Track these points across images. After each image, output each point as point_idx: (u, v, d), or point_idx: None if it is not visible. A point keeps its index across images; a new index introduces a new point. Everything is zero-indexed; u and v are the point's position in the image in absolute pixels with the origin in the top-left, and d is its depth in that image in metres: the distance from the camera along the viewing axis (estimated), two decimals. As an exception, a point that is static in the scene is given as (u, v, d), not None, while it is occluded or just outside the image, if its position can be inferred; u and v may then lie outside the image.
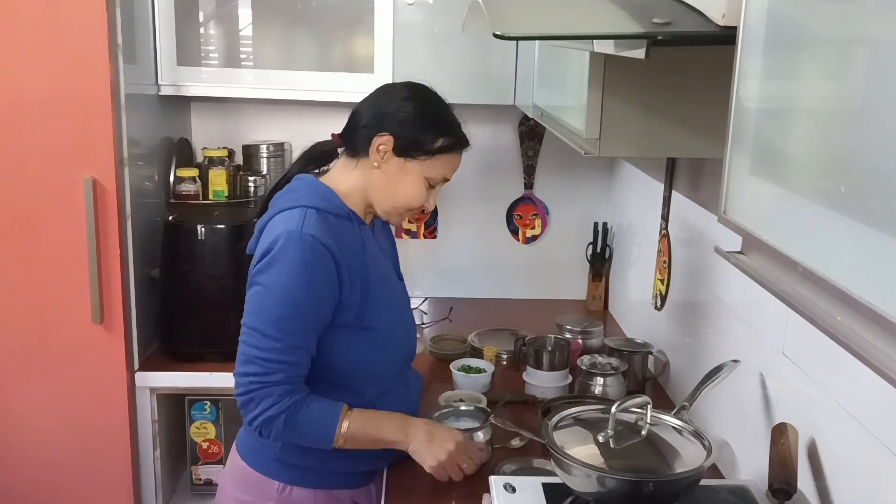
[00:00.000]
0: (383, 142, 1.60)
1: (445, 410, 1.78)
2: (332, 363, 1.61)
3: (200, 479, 2.61)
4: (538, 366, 2.16)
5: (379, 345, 1.65)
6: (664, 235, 2.27)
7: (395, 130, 1.60)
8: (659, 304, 2.30)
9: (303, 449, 1.64)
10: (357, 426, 1.58)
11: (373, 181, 1.64)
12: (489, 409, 1.81)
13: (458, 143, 1.66)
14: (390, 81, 1.79)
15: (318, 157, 1.74)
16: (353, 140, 1.65)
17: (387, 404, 1.69)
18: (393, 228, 1.88)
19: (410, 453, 1.65)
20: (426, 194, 1.65)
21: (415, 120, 1.62)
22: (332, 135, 1.71)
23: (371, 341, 1.63)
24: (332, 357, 1.60)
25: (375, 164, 1.62)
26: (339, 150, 1.70)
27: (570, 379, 2.18)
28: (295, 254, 1.51)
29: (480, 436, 1.73)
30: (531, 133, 2.96)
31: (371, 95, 1.68)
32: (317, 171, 1.74)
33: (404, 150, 1.61)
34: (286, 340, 1.53)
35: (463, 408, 1.82)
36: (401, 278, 1.83)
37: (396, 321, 1.71)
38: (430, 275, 3.03)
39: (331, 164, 1.73)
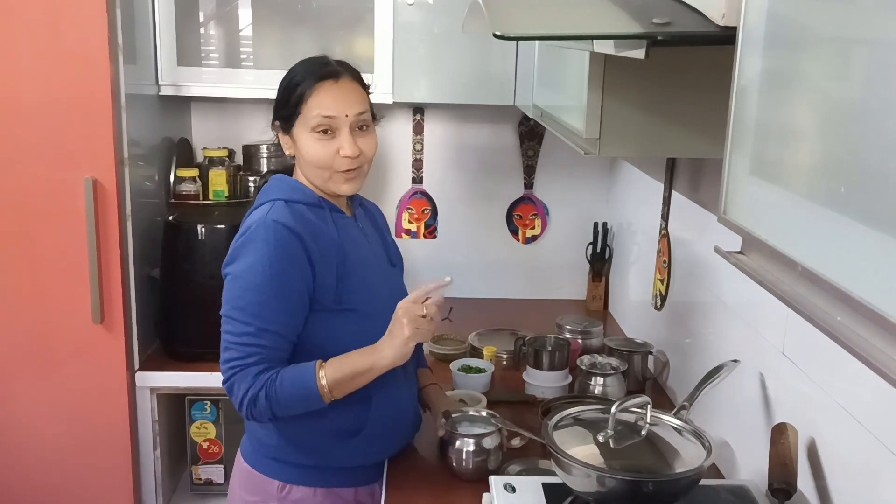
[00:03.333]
0: (277, 133, 1.71)
1: (457, 415, 1.78)
2: (323, 348, 1.61)
3: (200, 479, 2.61)
4: (538, 366, 2.16)
5: (363, 327, 1.63)
6: (664, 235, 2.27)
7: (273, 115, 1.70)
8: (659, 304, 2.30)
9: (301, 446, 1.65)
10: (333, 372, 1.56)
11: (299, 165, 1.71)
12: (498, 416, 1.81)
13: (311, 78, 1.63)
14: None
15: (288, 168, 1.79)
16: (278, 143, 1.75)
17: (386, 393, 1.67)
18: (392, 223, 1.88)
19: (390, 355, 1.57)
20: (326, 144, 1.62)
21: (277, 96, 1.69)
22: None
23: (353, 323, 1.63)
24: (320, 342, 1.61)
25: (287, 153, 1.71)
26: None
27: (570, 379, 2.18)
28: (258, 240, 1.57)
29: (490, 441, 1.73)
30: (531, 133, 2.97)
31: None
32: None
33: (285, 124, 1.68)
34: (257, 324, 1.55)
35: (472, 413, 1.82)
36: (394, 265, 1.83)
37: (384, 305, 1.67)
38: (430, 275, 3.02)
39: None
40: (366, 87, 1.70)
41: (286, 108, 1.65)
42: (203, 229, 2.41)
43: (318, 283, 1.60)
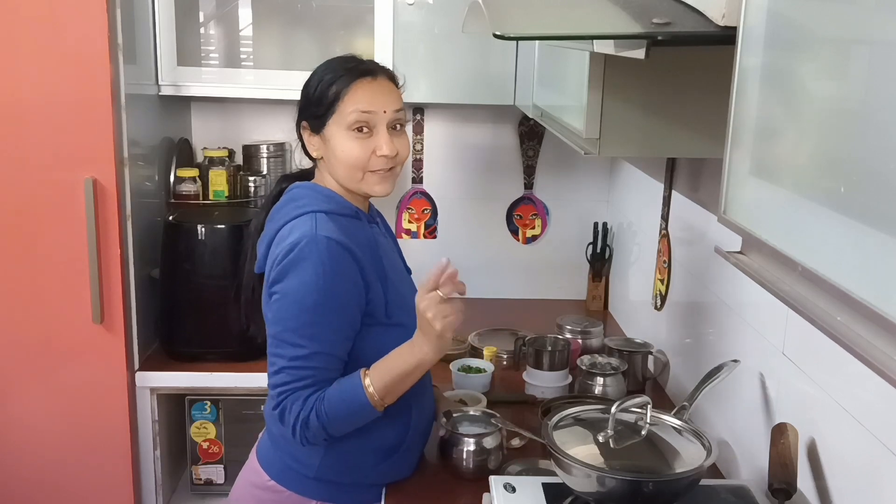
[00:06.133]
0: (303, 134, 1.65)
1: (457, 415, 1.79)
2: (371, 362, 1.55)
3: (200, 479, 2.61)
4: (538, 366, 2.16)
5: (405, 338, 1.59)
6: (664, 235, 2.27)
7: (301, 116, 1.65)
8: (659, 304, 2.30)
9: (345, 465, 1.62)
10: (380, 378, 1.51)
11: (329, 168, 1.62)
12: (498, 416, 1.81)
13: (348, 75, 1.58)
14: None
15: (300, 174, 1.74)
16: (302, 146, 1.68)
17: (422, 406, 1.68)
18: (393, 226, 1.87)
19: (431, 351, 1.50)
20: (363, 142, 1.57)
21: (304, 96, 1.64)
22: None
23: (401, 337, 1.58)
24: (370, 357, 1.55)
25: (315, 155, 1.64)
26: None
27: (570, 379, 2.18)
28: (312, 258, 1.48)
29: (490, 441, 1.73)
30: (531, 133, 2.97)
31: None
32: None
33: (315, 124, 1.61)
34: (311, 347, 1.49)
35: (472, 413, 1.82)
36: (409, 271, 1.80)
37: (413, 314, 1.68)
38: (430, 275, 3.03)
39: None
40: (398, 87, 1.66)
41: (319, 106, 1.58)
42: (203, 229, 2.41)
43: (371, 297, 1.55)
